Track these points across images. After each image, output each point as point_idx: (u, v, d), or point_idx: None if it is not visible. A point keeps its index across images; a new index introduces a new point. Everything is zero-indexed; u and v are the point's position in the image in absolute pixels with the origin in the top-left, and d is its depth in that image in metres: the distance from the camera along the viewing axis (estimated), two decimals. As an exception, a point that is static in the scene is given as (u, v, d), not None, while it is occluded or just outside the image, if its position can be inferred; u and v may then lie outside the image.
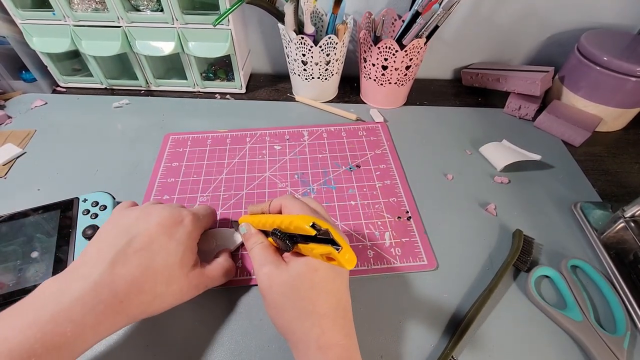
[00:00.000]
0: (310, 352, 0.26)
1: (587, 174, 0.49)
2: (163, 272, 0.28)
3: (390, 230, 0.41)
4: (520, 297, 0.36)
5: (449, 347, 0.32)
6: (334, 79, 0.59)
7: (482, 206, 0.45)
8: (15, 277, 0.34)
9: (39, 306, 0.24)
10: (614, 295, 0.35)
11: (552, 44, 0.64)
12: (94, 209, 0.40)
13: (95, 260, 0.27)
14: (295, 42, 0.51)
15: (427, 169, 0.49)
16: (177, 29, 0.53)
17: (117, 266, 0.27)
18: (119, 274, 0.26)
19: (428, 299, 0.36)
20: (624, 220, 0.41)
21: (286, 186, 0.46)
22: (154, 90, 0.62)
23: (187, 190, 0.45)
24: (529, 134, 0.56)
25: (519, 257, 0.38)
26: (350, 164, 0.49)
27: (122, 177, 0.47)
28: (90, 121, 0.55)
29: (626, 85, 0.50)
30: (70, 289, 0.25)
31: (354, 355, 0.27)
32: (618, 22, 0.60)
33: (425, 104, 0.62)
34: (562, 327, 0.34)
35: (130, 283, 0.26)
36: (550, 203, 0.45)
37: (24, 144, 0.50)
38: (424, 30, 0.48)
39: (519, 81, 0.57)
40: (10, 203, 0.42)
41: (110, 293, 0.25)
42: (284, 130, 0.54)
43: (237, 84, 0.61)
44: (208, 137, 0.53)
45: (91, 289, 0.25)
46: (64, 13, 0.52)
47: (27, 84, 0.60)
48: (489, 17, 0.60)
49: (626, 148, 0.55)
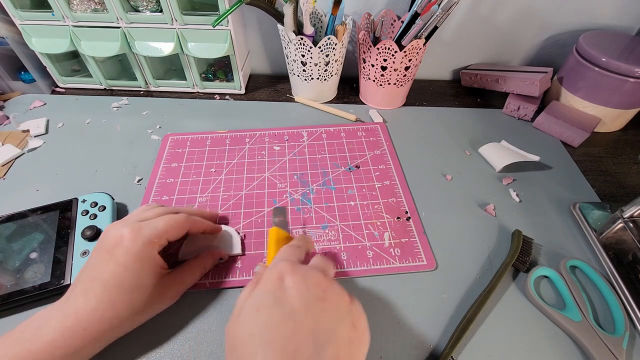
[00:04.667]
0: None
1: (586, 175, 0.50)
2: (118, 295, 0.28)
3: (390, 230, 0.41)
4: (519, 298, 0.36)
5: (449, 347, 0.32)
6: (333, 79, 0.59)
7: (481, 206, 0.45)
8: (14, 278, 0.34)
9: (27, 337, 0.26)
10: (613, 296, 0.36)
11: (551, 44, 0.64)
12: (93, 209, 0.40)
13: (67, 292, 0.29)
14: (294, 42, 0.51)
15: (427, 170, 0.49)
16: (176, 29, 0.53)
17: (78, 298, 0.28)
18: (82, 306, 0.27)
19: (427, 299, 0.36)
20: (622, 220, 0.42)
21: (285, 186, 0.46)
22: (153, 90, 0.62)
23: (187, 191, 0.45)
24: (528, 135, 0.56)
25: (518, 257, 0.38)
26: (350, 164, 0.49)
27: (122, 177, 0.47)
28: (89, 122, 0.55)
29: (625, 86, 0.51)
30: (47, 326, 0.27)
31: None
32: (616, 23, 0.60)
33: (424, 104, 0.62)
34: (561, 327, 0.34)
35: (91, 312, 0.27)
36: (549, 203, 0.45)
37: (22, 145, 0.50)
38: (423, 31, 0.49)
39: (518, 82, 0.57)
40: (9, 204, 0.42)
41: (75, 323, 0.27)
42: (283, 131, 0.54)
43: (236, 85, 0.61)
44: (207, 137, 0.53)
45: (61, 321, 0.27)
46: (63, 14, 0.52)
47: (26, 85, 0.60)
48: (487, 18, 0.61)
49: (625, 149, 0.55)
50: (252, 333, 0.23)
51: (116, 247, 0.29)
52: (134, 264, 0.29)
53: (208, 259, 0.36)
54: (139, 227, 0.30)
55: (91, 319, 0.27)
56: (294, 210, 0.43)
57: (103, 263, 0.29)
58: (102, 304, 0.27)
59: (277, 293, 0.24)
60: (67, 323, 0.26)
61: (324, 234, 0.41)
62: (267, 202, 0.44)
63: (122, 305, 0.28)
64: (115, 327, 0.28)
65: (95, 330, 0.27)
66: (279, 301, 0.24)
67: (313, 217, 0.42)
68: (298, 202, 0.44)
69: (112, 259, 0.28)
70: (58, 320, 0.27)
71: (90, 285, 0.28)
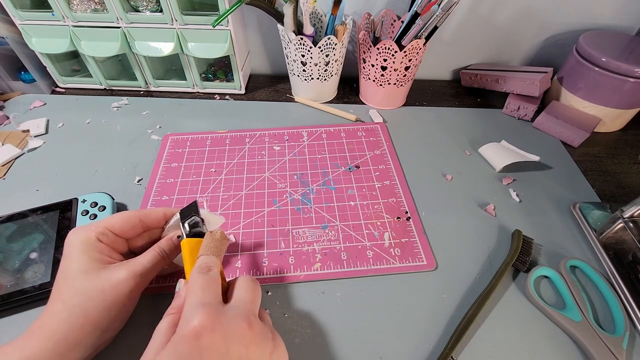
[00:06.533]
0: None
1: (585, 175, 0.50)
2: (64, 282, 0.28)
3: (390, 230, 0.41)
4: (519, 298, 0.36)
5: (449, 347, 0.32)
6: (333, 79, 0.59)
7: (481, 206, 0.45)
8: (14, 278, 0.34)
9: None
10: (613, 296, 0.36)
11: (551, 45, 0.64)
12: (93, 209, 0.40)
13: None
14: (294, 42, 0.51)
15: (427, 170, 0.49)
16: (176, 29, 0.53)
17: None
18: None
19: (427, 299, 0.36)
20: (622, 220, 0.42)
21: (285, 186, 0.46)
22: (153, 90, 0.62)
23: (187, 191, 0.45)
24: (528, 135, 0.56)
25: (518, 257, 0.38)
26: (350, 164, 0.49)
27: (121, 177, 0.47)
28: (89, 122, 0.55)
29: (625, 86, 0.51)
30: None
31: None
32: (616, 23, 0.60)
33: (424, 104, 0.62)
34: (561, 327, 0.34)
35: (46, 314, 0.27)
36: (549, 203, 0.45)
37: (22, 145, 0.50)
38: (423, 31, 0.49)
39: (518, 82, 0.57)
40: (9, 204, 0.42)
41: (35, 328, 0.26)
42: (283, 131, 0.54)
43: (236, 85, 0.61)
44: (207, 137, 0.53)
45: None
46: (63, 14, 0.52)
47: (26, 85, 0.60)
48: (487, 18, 0.61)
49: (625, 148, 0.55)
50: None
51: (65, 246, 0.30)
52: (75, 252, 0.28)
53: (162, 241, 0.32)
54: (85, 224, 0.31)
55: (47, 320, 0.27)
56: (294, 210, 0.43)
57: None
58: (54, 301, 0.27)
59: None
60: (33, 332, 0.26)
61: (324, 234, 0.41)
62: (267, 202, 0.44)
63: (69, 294, 0.27)
64: (75, 324, 0.27)
65: (55, 329, 0.26)
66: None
67: (313, 217, 0.42)
68: (298, 202, 0.44)
69: (64, 258, 0.29)
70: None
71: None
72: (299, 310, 0.35)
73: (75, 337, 0.26)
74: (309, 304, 0.35)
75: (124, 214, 0.32)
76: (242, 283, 0.27)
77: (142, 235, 0.33)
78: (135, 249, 0.33)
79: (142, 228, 0.32)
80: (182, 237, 0.30)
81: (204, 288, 0.25)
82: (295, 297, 0.36)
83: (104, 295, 0.27)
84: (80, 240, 0.29)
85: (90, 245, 0.29)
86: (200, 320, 0.22)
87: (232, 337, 0.23)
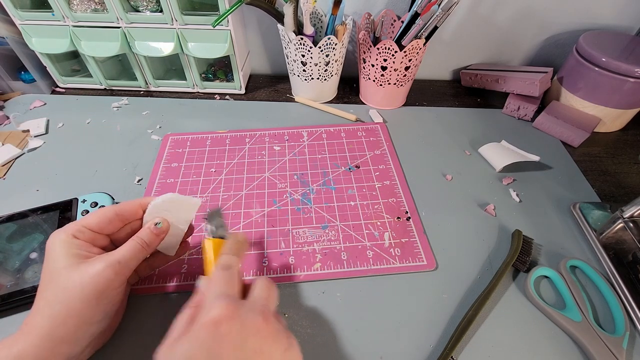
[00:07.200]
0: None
1: (586, 175, 0.50)
2: (48, 275, 0.28)
3: (390, 230, 0.41)
4: (519, 298, 0.36)
5: (449, 347, 0.32)
6: (334, 79, 0.59)
7: (481, 206, 0.45)
8: (14, 278, 0.34)
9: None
10: (613, 296, 0.36)
11: (551, 45, 0.64)
12: (93, 209, 0.40)
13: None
14: (294, 42, 0.51)
15: (427, 170, 0.49)
16: (176, 29, 0.53)
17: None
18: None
19: (427, 300, 0.36)
20: (622, 220, 0.42)
21: (285, 186, 0.46)
22: (153, 91, 0.62)
23: (187, 191, 0.45)
24: (528, 135, 0.56)
25: (518, 257, 0.38)
26: (350, 164, 0.49)
27: (122, 177, 0.47)
28: (89, 122, 0.55)
29: (625, 86, 0.51)
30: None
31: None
32: (616, 23, 0.60)
33: (424, 104, 0.62)
34: (561, 327, 0.34)
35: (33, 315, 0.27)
36: (549, 203, 0.45)
37: (22, 145, 0.50)
38: (423, 31, 0.49)
39: (518, 82, 0.57)
40: (9, 204, 0.42)
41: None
42: (283, 131, 0.54)
43: (236, 85, 0.61)
44: (207, 137, 0.53)
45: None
46: (64, 14, 0.52)
47: (26, 85, 0.60)
48: (488, 18, 0.61)
49: (625, 148, 0.55)
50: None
51: (46, 247, 0.30)
52: (54, 252, 0.29)
53: (141, 230, 0.32)
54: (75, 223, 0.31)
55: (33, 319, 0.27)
56: (294, 210, 0.43)
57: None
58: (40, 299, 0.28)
59: (211, 346, 0.23)
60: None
61: (324, 234, 0.41)
62: (267, 202, 0.44)
63: (51, 291, 0.28)
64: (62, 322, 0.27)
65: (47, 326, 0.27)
66: (212, 356, 0.22)
67: (313, 217, 0.42)
68: (298, 202, 0.44)
69: (45, 258, 0.29)
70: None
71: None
72: (299, 310, 0.35)
73: (60, 332, 0.27)
74: (309, 304, 0.35)
75: (99, 211, 0.32)
76: (258, 282, 0.28)
77: (124, 228, 0.33)
78: (119, 243, 0.33)
79: (121, 222, 0.32)
80: (205, 237, 0.31)
81: (225, 282, 0.27)
82: (296, 297, 0.36)
83: (82, 287, 0.28)
84: (60, 240, 0.29)
85: (68, 243, 0.29)
86: (221, 309, 0.24)
87: (248, 330, 0.24)
